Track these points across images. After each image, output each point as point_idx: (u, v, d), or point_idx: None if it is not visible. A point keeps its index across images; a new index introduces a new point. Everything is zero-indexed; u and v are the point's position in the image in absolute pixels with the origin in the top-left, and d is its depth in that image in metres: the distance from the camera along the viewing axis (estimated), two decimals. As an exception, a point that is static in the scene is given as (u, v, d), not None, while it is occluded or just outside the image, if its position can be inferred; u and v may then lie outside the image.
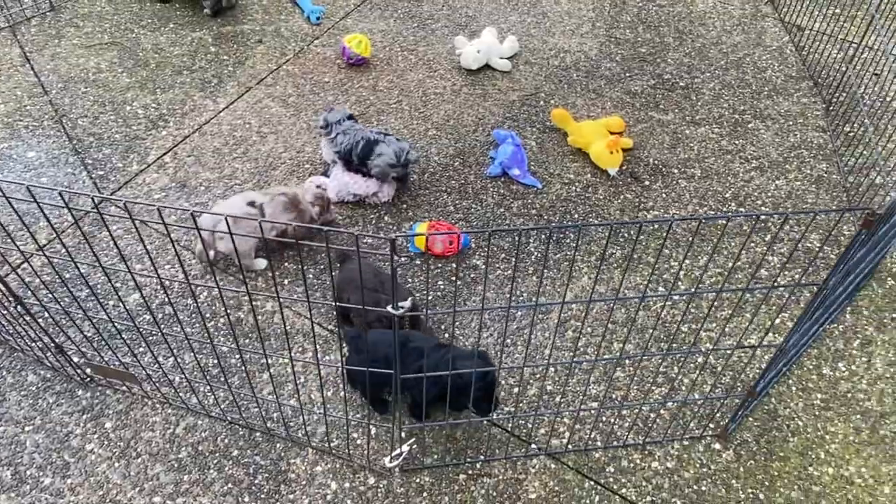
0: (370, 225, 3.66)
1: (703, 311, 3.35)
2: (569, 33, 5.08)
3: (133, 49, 4.69)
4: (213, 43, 4.77)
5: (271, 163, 3.95)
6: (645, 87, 4.60)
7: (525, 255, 3.55)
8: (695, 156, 4.13)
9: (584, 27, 5.13)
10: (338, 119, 3.70)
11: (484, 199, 3.83)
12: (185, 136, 4.09)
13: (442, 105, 4.41)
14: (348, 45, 4.56)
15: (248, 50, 4.76)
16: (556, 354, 3.16)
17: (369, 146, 3.64)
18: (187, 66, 4.57)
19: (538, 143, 4.19)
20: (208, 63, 4.61)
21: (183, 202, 3.71)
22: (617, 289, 3.39)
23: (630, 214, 3.78)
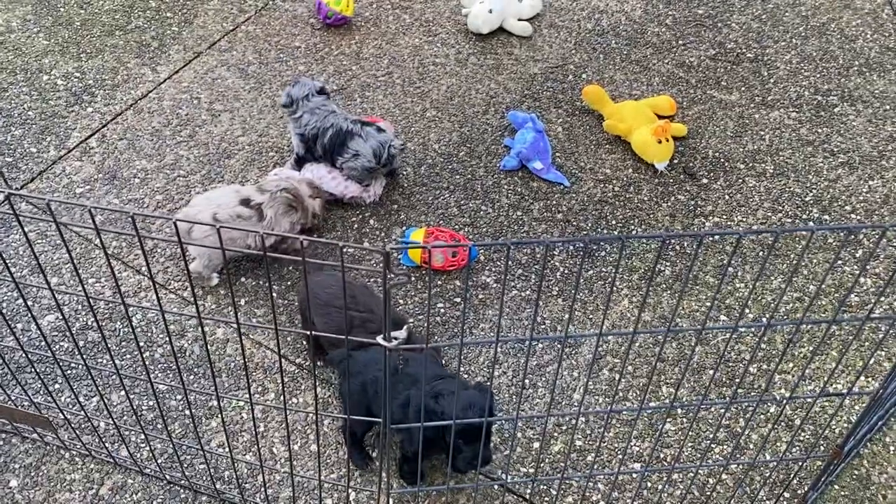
0: (351, 231, 3.68)
1: (776, 347, 3.35)
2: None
3: (52, 3, 4.72)
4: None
5: (225, 149, 3.97)
6: (702, 58, 4.63)
7: (549, 271, 3.56)
8: (766, 147, 4.16)
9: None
10: (305, 94, 3.70)
11: (496, 200, 3.85)
12: (117, 115, 4.11)
13: (444, 79, 4.44)
14: (325, 1, 4.60)
15: (197, 5, 4.79)
16: (589, 400, 3.16)
17: (341, 138, 3.63)
18: (120, 26, 4.60)
19: (566, 128, 4.21)
20: (147, 22, 4.64)
21: (112, 198, 3.72)
22: (667, 317, 3.41)
23: (683, 222, 3.80)
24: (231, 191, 3.36)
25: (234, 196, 3.31)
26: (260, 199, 3.31)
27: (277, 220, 3.32)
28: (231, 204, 3.27)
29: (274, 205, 3.32)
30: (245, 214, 3.27)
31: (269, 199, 3.32)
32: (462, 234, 3.64)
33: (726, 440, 3.06)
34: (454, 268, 3.52)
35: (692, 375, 3.24)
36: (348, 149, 3.63)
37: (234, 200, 3.29)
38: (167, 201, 3.72)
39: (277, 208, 3.33)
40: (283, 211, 3.35)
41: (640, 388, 3.19)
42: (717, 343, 3.34)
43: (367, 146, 3.62)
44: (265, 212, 3.30)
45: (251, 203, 3.30)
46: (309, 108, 3.68)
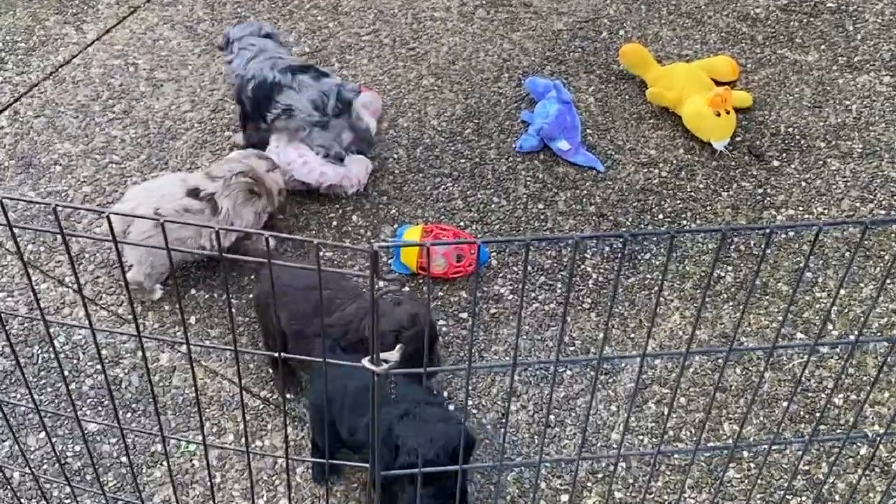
0: (329, 229, 3.69)
1: (867, 372, 3.36)
2: (648, -77, 5.15)
3: (-51, -55, 4.75)
4: (77, -64, 4.83)
5: (170, 128, 3.99)
6: (772, 8, 4.64)
7: (578, 278, 3.57)
8: (852, 120, 4.17)
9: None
10: (243, 35, 3.72)
11: (512, 189, 3.86)
12: (32, 86, 4.13)
13: (444, 38, 4.46)
14: (295, -59, 4.62)
15: (133, -53, 4.82)
16: (631, 441, 3.16)
17: (265, 90, 3.60)
18: (36, -27, 4.63)
19: (599, 99, 4.23)
20: (69, -32, 4.67)
21: (27, 190, 3.74)
22: (729, 335, 3.41)
23: (748, 216, 3.80)
24: (175, 180, 3.38)
25: (180, 186, 3.32)
26: (211, 189, 3.33)
27: (237, 212, 3.34)
28: (176, 195, 3.29)
29: (230, 193, 3.34)
30: (194, 208, 3.29)
31: (222, 187, 3.33)
32: (468, 234, 3.65)
33: (805, 490, 3.06)
34: (459, 275, 3.53)
35: (761, 408, 3.24)
36: (276, 104, 3.61)
37: (180, 191, 3.30)
38: (96, 194, 3.74)
39: (235, 197, 3.35)
40: (243, 199, 3.37)
41: (695, 426, 3.19)
42: (793, 367, 3.35)
43: (301, 98, 3.59)
44: (220, 203, 3.32)
45: (201, 194, 3.31)
46: (238, 52, 3.69)
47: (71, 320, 3.38)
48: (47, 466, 3.03)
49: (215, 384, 3.24)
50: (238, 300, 3.46)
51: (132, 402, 3.19)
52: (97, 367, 3.23)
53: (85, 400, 3.18)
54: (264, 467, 3.05)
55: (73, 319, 3.38)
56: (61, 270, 3.50)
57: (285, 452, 2.09)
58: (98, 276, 3.49)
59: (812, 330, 3.43)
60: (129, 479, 3.00)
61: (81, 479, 3.01)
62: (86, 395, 3.20)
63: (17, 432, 3.09)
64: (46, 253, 3.55)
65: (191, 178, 3.39)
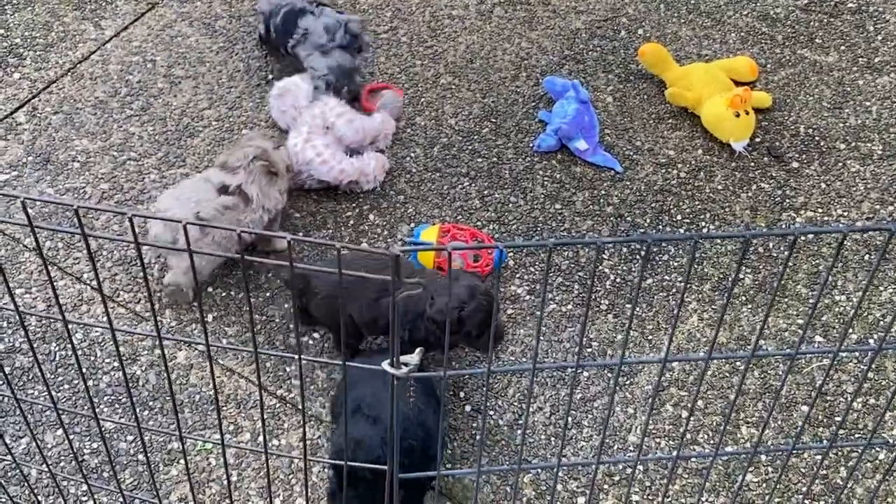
0: (346, 228, 3.69)
1: (888, 377, 3.34)
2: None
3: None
4: (96, -68, 4.84)
5: (187, 125, 4.00)
6: (791, 8, 4.62)
7: (597, 279, 3.56)
8: (873, 122, 4.14)
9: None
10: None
11: (530, 189, 3.85)
12: (51, 82, 4.15)
13: (462, 36, 4.45)
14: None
15: (151, -56, 4.83)
16: (649, 444, 3.16)
17: (293, 16, 4.00)
18: (55, -30, 4.64)
19: (617, 99, 4.21)
20: (88, -35, 4.68)
21: (45, 187, 3.75)
22: (748, 338, 3.40)
23: (768, 217, 3.79)
24: (200, 181, 3.40)
25: (209, 186, 3.35)
26: (236, 181, 3.37)
27: (266, 195, 3.42)
28: (210, 196, 3.32)
29: (255, 180, 3.40)
30: (231, 203, 3.35)
31: (245, 175, 3.38)
32: (486, 234, 3.65)
33: (823, 494, 3.05)
34: (476, 275, 3.53)
35: (780, 413, 3.23)
36: (298, 27, 3.98)
37: (212, 192, 3.34)
38: (114, 191, 3.75)
39: (259, 181, 3.41)
40: (267, 182, 3.44)
41: (713, 429, 3.19)
42: (812, 371, 3.33)
43: (318, 23, 3.97)
44: (248, 192, 3.38)
45: (230, 188, 3.36)
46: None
47: (88, 317, 3.39)
48: (64, 464, 3.05)
49: (232, 382, 3.24)
50: (255, 298, 3.46)
51: (149, 399, 3.20)
52: (114, 365, 3.24)
53: (102, 397, 3.19)
54: (280, 466, 3.05)
55: (91, 316, 3.39)
56: (79, 267, 3.51)
57: (303, 452, 2.09)
58: (116, 273, 3.50)
59: (831, 333, 3.42)
60: (145, 477, 3.01)
61: (98, 477, 3.02)
62: (103, 392, 3.21)
63: (35, 429, 3.10)
64: (65, 250, 3.56)
65: (211, 175, 3.41)
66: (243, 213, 3.36)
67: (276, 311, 3.42)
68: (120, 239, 1.66)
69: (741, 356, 1.93)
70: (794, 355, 1.98)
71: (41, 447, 2.97)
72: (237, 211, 3.35)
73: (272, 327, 3.39)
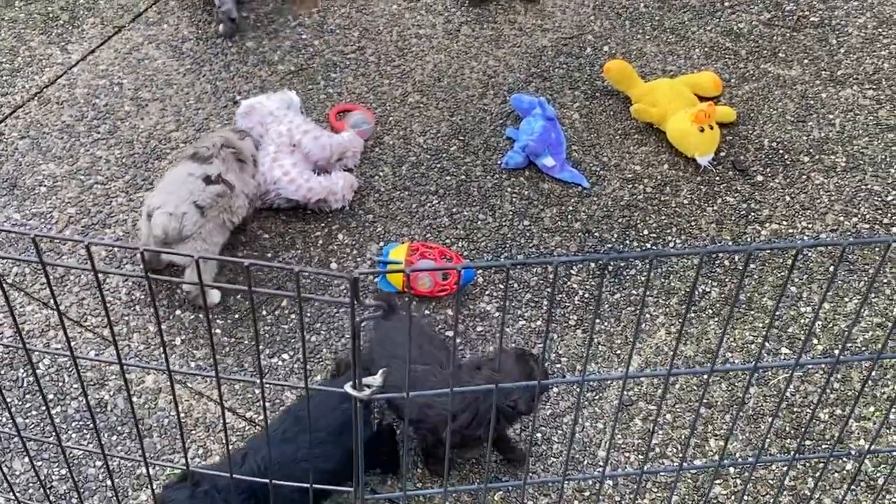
0: (315, 248, 3.69)
1: (853, 387, 3.37)
2: (632, -61, 5.18)
3: (-67, -34, 4.74)
4: (61, -44, 4.83)
5: (155, 148, 3.99)
6: (755, 23, 4.67)
7: (564, 295, 3.58)
8: (836, 134, 4.19)
9: (656, -71, 5.23)
10: None
11: (498, 206, 3.87)
12: (17, 107, 4.13)
13: (429, 55, 4.47)
14: (279, -40, 4.64)
15: (118, -33, 4.83)
16: (617, 459, 3.17)
17: None
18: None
19: (584, 115, 4.24)
20: (54, -12, 4.67)
21: (11, 212, 3.73)
22: (713, 350, 3.42)
23: (733, 231, 3.82)
24: (184, 175, 3.44)
25: (194, 178, 3.42)
26: (215, 170, 3.46)
27: (242, 181, 3.56)
28: (201, 186, 3.40)
29: (229, 167, 3.51)
30: (220, 191, 3.44)
31: (222, 164, 3.49)
32: (455, 252, 3.66)
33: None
34: (445, 293, 3.54)
35: (747, 424, 3.25)
36: None
37: (200, 183, 3.41)
38: (81, 215, 3.74)
39: (234, 168, 3.53)
40: (238, 168, 3.55)
41: (681, 442, 3.20)
42: (778, 383, 3.36)
43: None
44: (230, 180, 3.48)
45: (213, 177, 3.44)
46: None
47: (56, 343, 3.37)
48: (32, 491, 3.02)
49: (201, 406, 3.23)
50: (224, 321, 3.46)
51: (118, 424, 3.18)
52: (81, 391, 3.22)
53: (70, 423, 3.18)
54: (251, 489, 3.04)
55: (59, 342, 3.37)
56: (46, 293, 3.49)
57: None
58: (83, 297, 3.49)
59: (797, 345, 3.45)
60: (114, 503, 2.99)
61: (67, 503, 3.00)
62: (71, 417, 3.19)
63: (2, 457, 3.08)
64: (31, 275, 3.55)
65: (191, 168, 3.45)
66: (231, 199, 3.47)
67: (245, 334, 3.42)
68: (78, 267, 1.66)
69: (700, 371, 1.94)
70: (755, 368, 2.00)
71: (6, 475, 2.94)
72: (226, 198, 3.46)
73: (241, 349, 3.38)
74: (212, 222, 3.41)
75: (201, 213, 3.36)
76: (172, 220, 3.31)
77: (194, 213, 3.35)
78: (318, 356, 3.38)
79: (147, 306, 3.47)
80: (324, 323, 3.47)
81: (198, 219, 3.36)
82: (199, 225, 3.37)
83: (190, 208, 3.35)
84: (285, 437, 2.77)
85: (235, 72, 4.32)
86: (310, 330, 3.44)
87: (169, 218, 3.31)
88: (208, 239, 3.42)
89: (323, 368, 3.35)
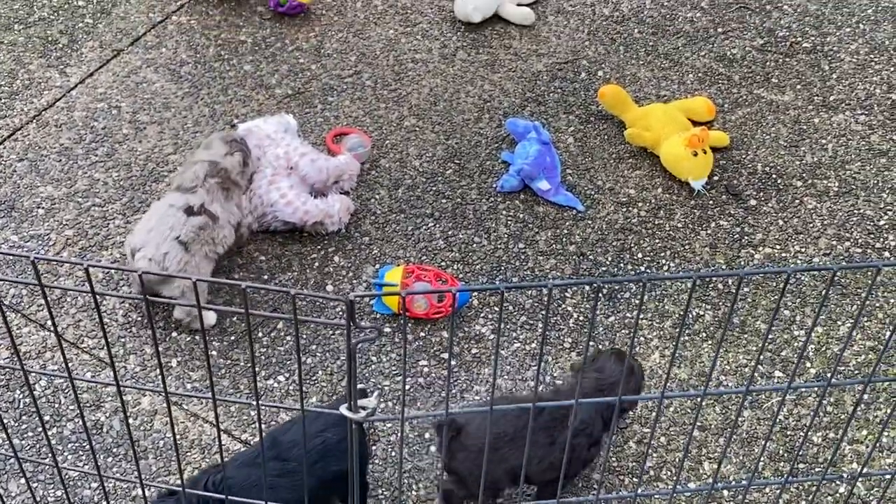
0: (311, 270, 3.71)
1: (845, 410, 3.38)
2: (626, -35, 5.24)
3: (-67, -11, 4.79)
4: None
5: (152, 171, 4.01)
6: (748, 49, 4.72)
7: (559, 317, 3.59)
8: (829, 159, 4.22)
9: (650, -44, 5.29)
10: None
11: (493, 229, 3.89)
12: (15, 129, 4.15)
13: (425, 79, 4.51)
14: (277, -15, 4.69)
15: (117, -9, 4.87)
16: (611, 481, 3.17)
17: None
18: (20, 18, 4.66)
19: (578, 139, 4.27)
20: (54, 12, 4.71)
21: (9, 234, 3.75)
22: (707, 373, 3.43)
23: (727, 254, 3.84)
24: (165, 207, 3.45)
25: (174, 210, 3.42)
26: (198, 200, 3.47)
27: (227, 210, 3.54)
28: (182, 220, 3.40)
29: (214, 198, 3.50)
30: (202, 223, 3.44)
31: (205, 195, 3.48)
32: (450, 274, 3.68)
33: (785, 528, 3.07)
34: (440, 315, 3.55)
35: (740, 447, 3.26)
36: None
37: (181, 214, 3.41)
38: (79, 237, 3.76)
39: (219, 199, 3.51)
40: (225, 198, 3.54)
41: (674, 465, 3.21)
42: (771, 406, 3.37)
43: None
44: (213, 210, 3.47)
45: (195, 208, 3.44)
46: None
47: (52, 364, 3.38)
48: (27, 512, 3.03)
49: (196, 427, 3.24)
50: (220, 342, 3.47)
51: (114, 446, 3.18)
52: (77, 412, 3.23)
53: (66, 444, 3.18)
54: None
55: (55, 363, 3.38)
56: (43, 314, 3.50)
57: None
58: (80, 319, 3.50)
59: (790, 368, 3.46)
60: (109, 524, 2.99)
61: (62, 525, 3.00)
62: (67, 438, 3.19)
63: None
64: (28, 297, 3.56)
65: (173, 200, 3.46)
66: (214, 230, 3.47)
67: (241, 356, 3.43)
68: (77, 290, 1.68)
69: (694, 394, 1.96)
70: (748, 391, 2.02)
71: (3, 496, 2.94)
72: (209, 229, 3.45)
73: (237, 371, 3.39)
74: (196, 256, 3.40)
75: (185, 248, 3.36)
76: (153, 266, 3.32)
77: (176, 250, 3.34)
78: (314, 378, 3.39)
79: (143, 328, 3.48)
80: (319, 345, 3.48)
81: (181, 256, 3.35)
82: (184, 262, 3.36)
83: (171, 246, 3.34)
84: (256, 461, 2.73)
85: (233, 95, 4.35)
86: (305, 352, 3.46)
87: (149, 264, 3.32)
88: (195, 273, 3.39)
89: (318, 390, 3.36)
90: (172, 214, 3.40)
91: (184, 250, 3.36)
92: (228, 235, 3.53)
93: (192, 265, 3.39)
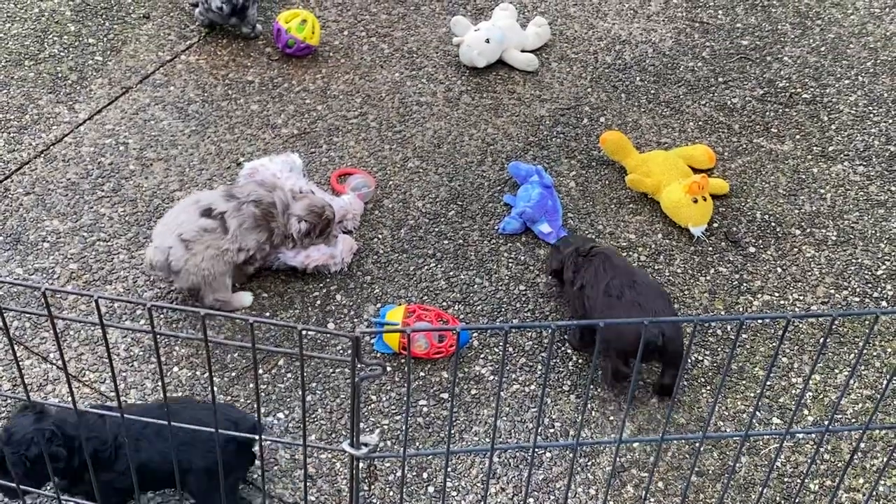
0: (313, 308, 3.72)
1: (842, 457, 3.38)
2: (629, 14, 5.30)
3: (-53, 25, 4.85)
4: (72, 17, 4.93)
5: (157, 206, 4.04)
6: (748, 99, 4.77)
7: (558, 359, 3.60)
8: (827, 208, 4.26)
9: (652, 4, 5.36)
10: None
11: (494, 270, 3.91)
12: (23, 163, 4.19)
13: (430, 122, 4.55)
14: (286, 27, 4.74)
15: (126, 29, 4.93)
16: (609, 523, 3.17)
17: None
18: (31, 54, 4.72)
19: (579, 183, 4.31)
20: (64, 49, 4.76)
21: (14, 267, 3.77)
22: (705, 419, 3.43)
23: (725, 301, 3.86)
24: (191, 202, 3.58)
25: (194, 208, 3.54)
26: (223, 207, 3.54)
27: (243, 234, 3.57)
28: (192, 219, 3.51)
29: (239, 217, 3.55)
30: (210, 226, 3.51)
31: (234, 208, 3.55)
32: (451, 315, 3.69)
33: (782, 576, 3.06)
34: (441, 355, 3.56)
35: (738, 493, 3.26)
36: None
37: (195, 214, 3.52)
38: (83, 271, 3.77)
39: (243, 221, 3.56)
40: (250, 225, 3.58)
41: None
42: (769, 452, 3.37)
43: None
44: (228, 223, 3.53)
45: (213, 212, 3.52)
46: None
47: (54, 397, 3.38)
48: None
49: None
50: (221, 378, 3.48)
51: (112, 479, 3.18)
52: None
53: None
54: (242, 548, 3.03)
55: (56, 396, 3.39)
56: (45, 347, 3.51)
57: None
58: (82, 352, 3.51)
59: (788, 414, 3.47)
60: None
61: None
62: (65, 472, 3.19)
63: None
64: (32, 329, 3.57)
65: (204, 197, 3.60)
66: (221, 239, 3.53)
67: (241, 392, 3.44)
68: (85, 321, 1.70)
69: (692, 437, 1.97)
70: (745, 436, 2.03)
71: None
72: (215, 235, 3.52)
73: (238, 407, 3.39)
74: (199, 255, 3.49)
75: (186, 246, 3.47)
76: (157, 254, 3.50)
77: (178, 247, 3.47)
78: (314, 415, 3.40)
79: (144, 363, 3.49)
80: (319, 382, 3.49)
81: (182, 253, 3.48)
82: (186, 259, 3.48)
83: (174, 241, 3.48)
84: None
85: (240, 134, 4.39)
86: (306, 389, 3.46)
87: (155, 251, 3.51)
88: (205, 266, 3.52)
89: (318, 428, 3.37)
90: (188, 211, 3.55)
91: (184, 248, 3.48)
92: (233, 252, 3.56)
93: (197, 261, 3.48)
